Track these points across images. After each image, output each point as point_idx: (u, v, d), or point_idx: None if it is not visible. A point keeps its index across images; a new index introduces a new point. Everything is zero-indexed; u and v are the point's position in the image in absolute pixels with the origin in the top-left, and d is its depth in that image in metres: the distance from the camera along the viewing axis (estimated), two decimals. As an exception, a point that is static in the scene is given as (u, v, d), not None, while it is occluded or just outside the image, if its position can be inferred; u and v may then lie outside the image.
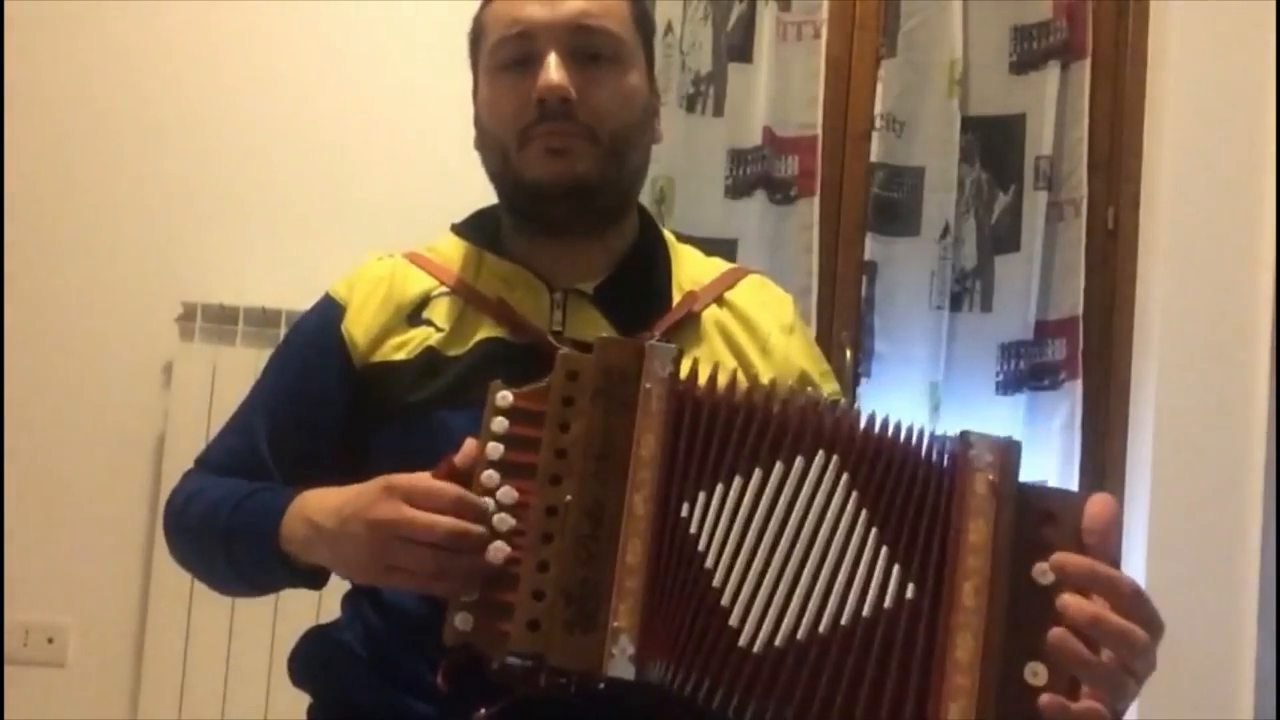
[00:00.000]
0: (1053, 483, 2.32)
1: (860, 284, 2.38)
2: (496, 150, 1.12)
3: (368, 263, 1.19)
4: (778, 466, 0.89)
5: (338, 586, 1.13)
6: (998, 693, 0.81)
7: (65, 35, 2.37)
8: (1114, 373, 2.39)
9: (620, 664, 0.85)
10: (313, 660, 1.10)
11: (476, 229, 1.19)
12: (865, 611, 0.85)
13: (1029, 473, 0.86)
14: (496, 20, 1.12)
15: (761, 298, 1.20)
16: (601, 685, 0.87)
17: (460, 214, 1.23)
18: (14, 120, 2.34)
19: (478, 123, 1.16)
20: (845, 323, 2.39)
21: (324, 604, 1.28)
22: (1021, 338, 2.38)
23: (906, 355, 2.38)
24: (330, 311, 1.15)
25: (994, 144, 2.43)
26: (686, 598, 0.87)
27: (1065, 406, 2.36)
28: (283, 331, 2.20)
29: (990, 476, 0.85)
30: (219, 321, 2.29)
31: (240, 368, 2.17)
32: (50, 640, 2.26)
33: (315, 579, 1.06)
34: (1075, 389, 2.36)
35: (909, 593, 0.85)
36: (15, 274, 2.32)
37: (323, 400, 1.12)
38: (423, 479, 0.91)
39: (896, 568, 0.85)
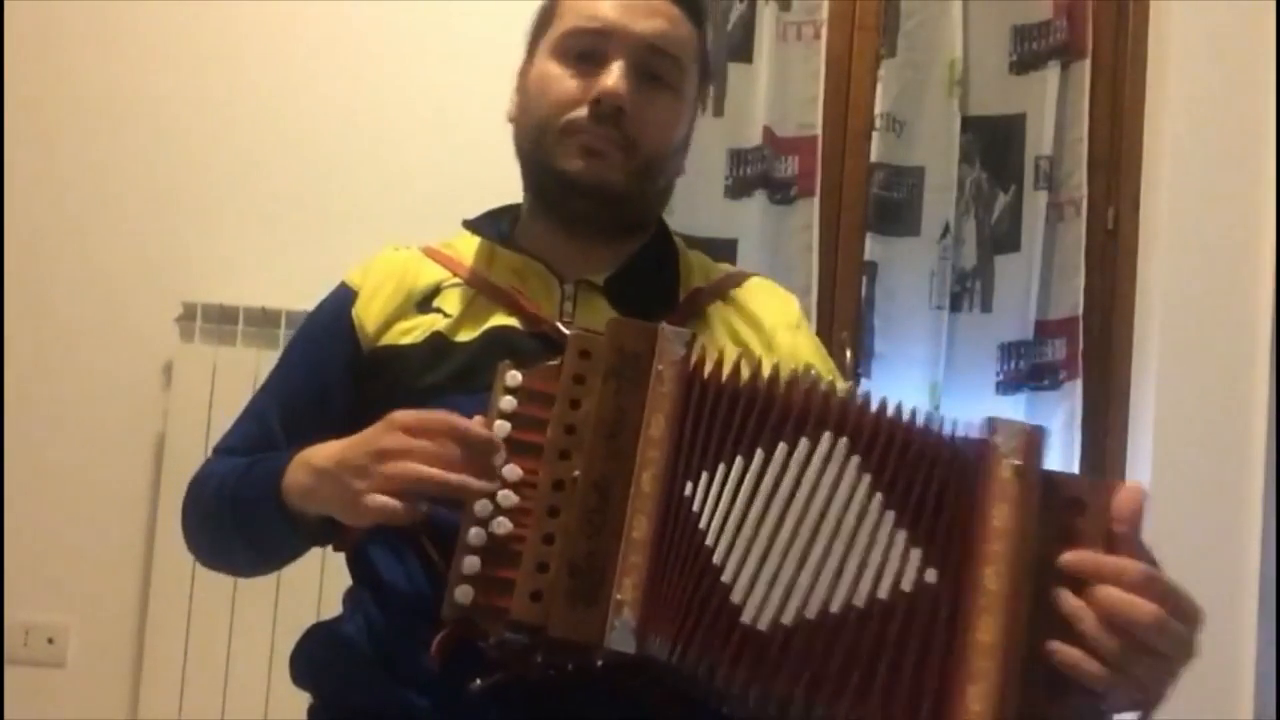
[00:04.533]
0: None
1: (860, 284, 2.38)
2: (534, 129, 1.14)
3: (383, 252, 1.21)
4: (780, 447, 0.89)
5: (339, 584, 1.13)
6: (1022, 677, 0.80)
7: (65, 35, 2.36)
8: (1114, 373, 2.38)
9: (621, 636, 0.85)
10: (314, 659, 1.11)
11: (489, 225, 1.21)
12: (881, 594, 0.84)
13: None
14: (575, 10, 1.14)
15: (767, 297, 1.22)
16: (599, 663, 0.87)
17: (459, 214, 1.24)
18: (14, 120, 2.34)
19: (521, 95, 1.18)
20: (845, 323, 2.39)
21: (325, 602, 1.28)
22: (1021, 338, 2.38)
23: (906, 355, 2.37)
24: (344, 297, 1.17)
25: (994, 144, 2.43)
26: (690, 574, 0.87)
27: (1065, 406, 2.35)
28: (283, 331, 2.21)
29: (1015, 462, 0.84)
30: (219, 321, 2.29)
31: (240, 368, 2.18)
32: (50, 640, 2.26)
33: (321, 533, 1.05)
34: (1075, 389, 2.35)
35: (929, 577, 0.84)
36: (15, 274, 2.32)
37: (332, 383, 1.14)
38: (426, 412, 0.92)
39: (916, 552, 0.85)
